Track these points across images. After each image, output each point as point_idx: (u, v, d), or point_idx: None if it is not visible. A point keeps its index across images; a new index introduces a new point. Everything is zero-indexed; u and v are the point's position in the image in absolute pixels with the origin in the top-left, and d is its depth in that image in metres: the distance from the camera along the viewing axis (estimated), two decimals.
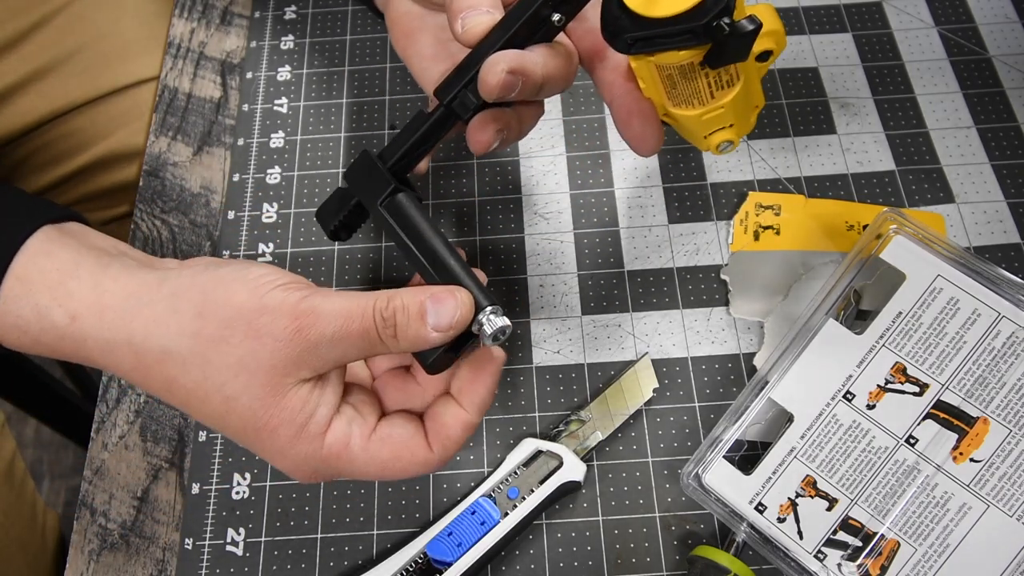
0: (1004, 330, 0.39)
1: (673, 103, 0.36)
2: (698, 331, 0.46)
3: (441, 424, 0.35)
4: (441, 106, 0.37)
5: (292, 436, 0.33)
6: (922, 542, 0.37)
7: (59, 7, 0.58)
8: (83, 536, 0.43)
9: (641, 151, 0.39)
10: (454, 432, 0.35)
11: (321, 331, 0.32)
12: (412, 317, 0.32)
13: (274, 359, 0.32)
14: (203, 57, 0.57)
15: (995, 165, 0.50)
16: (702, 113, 0.36)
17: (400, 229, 0.36)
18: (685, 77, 0.34)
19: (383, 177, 0.37)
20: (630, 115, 0.38)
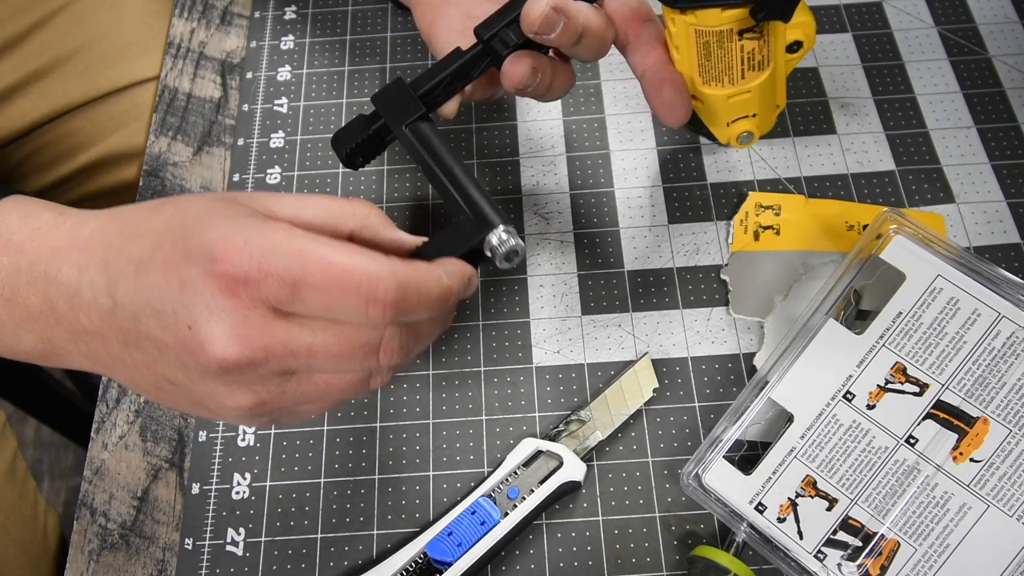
0: (1004, 330, 0.39)
1: (704, 79, 0.37)
2: (698, 331, 0.46)
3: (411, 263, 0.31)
4: (480, 43, 0.38)
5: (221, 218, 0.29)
6: (922, 542, 0.37)
7: (59, 7, 0.58)
8: (83, 536, 0.43)
9: (670, 119, 0.40)
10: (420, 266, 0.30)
11: None
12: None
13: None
14: (203, 57, 0.57)
15: (995, 165, 0.50)
16: (731, 94, 0.37)
17: (424, 151, 0.37)
18: (721, 46, 0.36)
19: (414, 102, 0.38)
20: (662, 82, 0.39)
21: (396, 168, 0.52)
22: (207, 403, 0.30)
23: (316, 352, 0.29)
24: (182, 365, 0.29)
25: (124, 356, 0.30)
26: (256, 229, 0.28)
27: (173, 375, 0.30)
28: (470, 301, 0.47)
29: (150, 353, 0.30)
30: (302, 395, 0.31)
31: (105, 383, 0.46)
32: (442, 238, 0.33)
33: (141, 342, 0.29)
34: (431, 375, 0.45)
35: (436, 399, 0.45)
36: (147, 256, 0.29)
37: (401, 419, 0.44)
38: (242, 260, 0.27)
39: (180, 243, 0.28)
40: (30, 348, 0.33)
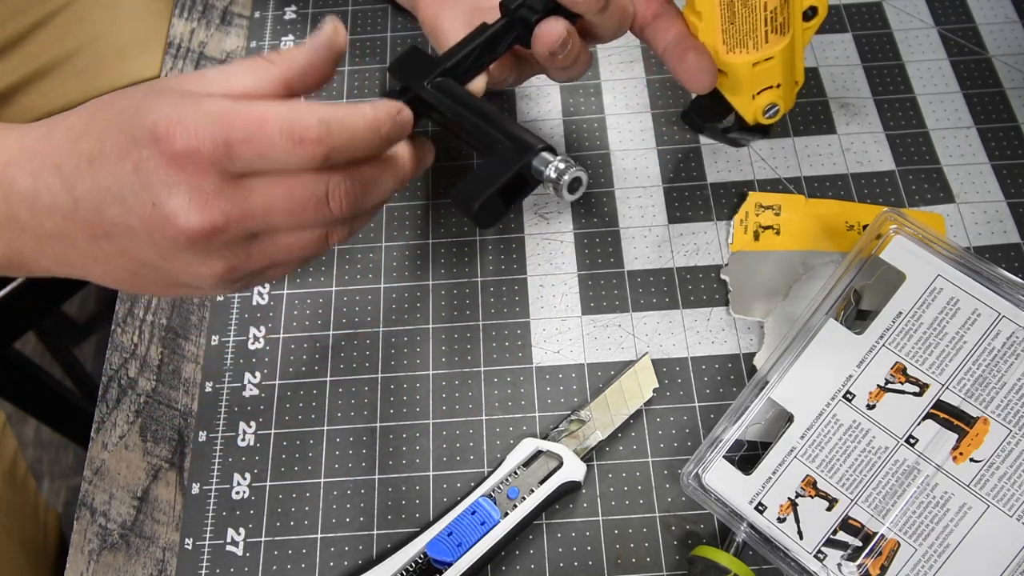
0: (1004, 330, 0.39)
1: (728, 47, 0.38)
2: (698, 331, 0.46)
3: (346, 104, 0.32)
4: (506, 15, 0.38)
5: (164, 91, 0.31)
6: (922, 542, 0.37)
7: (59, 7, 0.58)
8: (83, 536, 0.43)
9: (697, 84, 0.40)
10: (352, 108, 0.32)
11: None
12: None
13: None
14: (203, 57, 0.57)
15: (995, 165, 0.50)
16: (756, 60, 0.38)
17: (450, 100, 0.36)
18: (746, 4, 0.37)
19: (431, 63, 0.37)
20: (685, 51, 0.40)
21: None
22: (182, 277, 0.32)
23: (271, 209, 0.30)
24: (153, 243, 0.30)
25: (94, 251, 0.32)
26: (190, 104, 0.29)
27: (145, 256, 0.31)
28: (470, 300, 0.47)
29: (119, 240, 0.31)
30: (267, 257, 0.32)
31: (105, 383, 0.46)
32: (482, 169, 0.32)
33: (109, 231, 0.31)
34: (431, 375, 0.45)
35: (436, 399, 0.45)
36: (97, 149, 0.30)
37: (401, 419, 0.44)
38: (181, 134, 0.29)
39: (126, 130, 0.30)
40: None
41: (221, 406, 0.45)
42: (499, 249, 0.49)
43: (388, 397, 0.45)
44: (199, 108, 0.29)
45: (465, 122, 0.35)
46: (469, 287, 0.48)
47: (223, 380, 0.46)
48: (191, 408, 0.45)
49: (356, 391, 0.45)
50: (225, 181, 0.30)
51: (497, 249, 0.49)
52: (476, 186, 0.33)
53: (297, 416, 0.45)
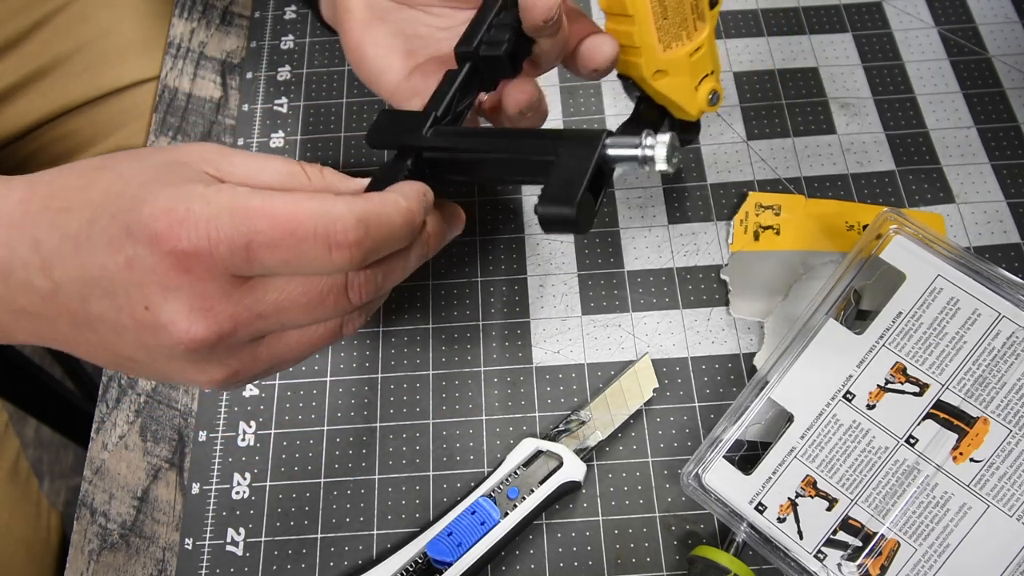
0: (1004, 330, 0.39)
1: (664, 44, 0.38)
2: (698, 331, 0.46)
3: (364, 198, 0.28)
4: (468, 59, 0.36)
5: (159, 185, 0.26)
6: (922, 542, 0.37)
7: (59, 7, 0.58)
8: (83, 536, 0.43)
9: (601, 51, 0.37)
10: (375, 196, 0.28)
11: None
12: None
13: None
14: (203, 57, 0.57)
15: (995, 165, 0.50)
16: (691, 50, 0.38)
17: (463, 138, 0.33)
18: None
19: (418, 118, 0.34)
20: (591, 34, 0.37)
21: None
22: (175, 378, 0.29)
23: (285, 308, 0.27)
24: (143, 346, 0.27)
25: (76, 336, 0.29)
26: (199, 196, 0.25)
27: (134, 355, 0.28)
28: (470, 300, 0.47)
29: (105, 335, 0.28)
30: (275, 357, 0.29)
31: (105, 383, 0.46)
32: (554, 182, 0.29)
33: (94, 323, 0.27)
34: (431, 375, 0.45)
35: (436, 399, 0.45)
36: (84, 232, 0.26)
37: (401, 419, 0.44)
38: (188, 233, 0.25)
39: (120, 217, 0.26)
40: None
41: (221, 405, 0.45)
42: (499, 249, 0.49)
43: (388, 397, 0.45)
44: (210, 201, 0.25)
45: (497, 152, 0.32)
46: (469, 287, 0.48)
47: None
48: (191, 408, 0.46)
49: (356, 391, 0.45)
50: (235, 284, 0.26)
51: (497, 249, 0.49)
52: (562, 192, 0.29)
53: (297, 416, 0.45)
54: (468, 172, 0.34)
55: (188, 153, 0.29)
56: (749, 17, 0.56)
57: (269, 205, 0.25)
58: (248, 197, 0.26)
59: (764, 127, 0.52)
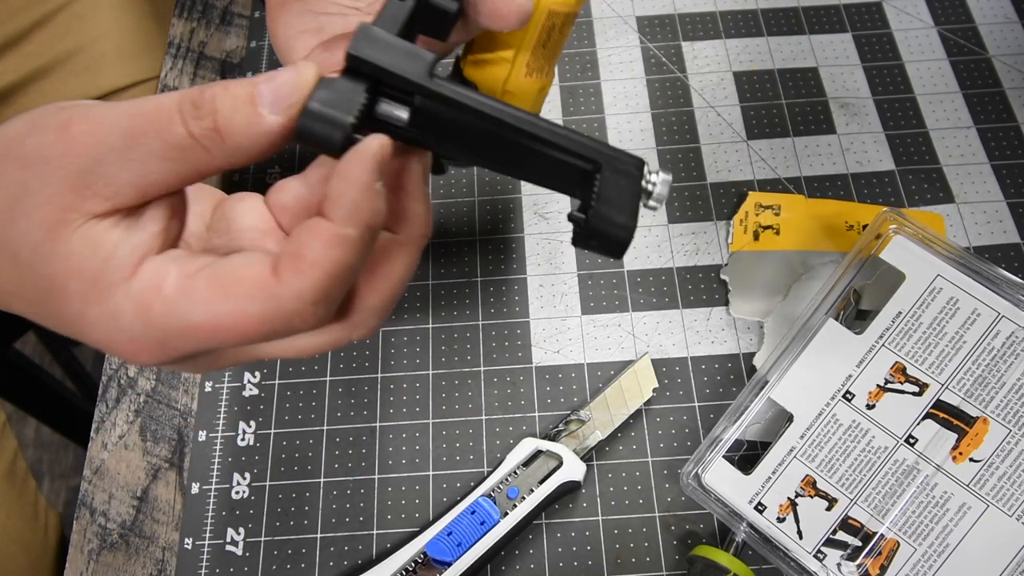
0: (1004, 330, 0.39)
1: (529, 69, 0.35)
2: (698, 331, 0.46)
3: (297, 242, 0.23)
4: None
5: (85, 292, 0.24)
6: (921, 542, 0.37)
7: (59, 7, 0.58)
8: (83, 536, 0.43)
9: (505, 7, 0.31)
10: (313, 247, 0.23)
11: (100, 138, 0.23)
12: (238, 99, 0.23)
13: (47, 190, 0.23)
14: (203, 57, 0.57)
15: (995, 165, 0.50)
16: (541, 87, 0.36)
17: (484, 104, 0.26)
18: (561, 31, 0.35)
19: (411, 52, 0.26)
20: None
21: None
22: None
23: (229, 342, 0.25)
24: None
25: None
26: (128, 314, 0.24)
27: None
28: (470, 300, 0.47)
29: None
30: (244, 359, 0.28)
31: (105, 383, 0.46)
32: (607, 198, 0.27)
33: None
34: (431, 374, 0.45)
35: (436, 399, 0.45)
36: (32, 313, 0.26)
37: (401, 419, 0.44)
38: (141, 358, 0.24)
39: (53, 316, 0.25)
40: None
41: (221, 405, 0.45)
42: (499, 249, 0.49)
43: (388, 397, 0.45)
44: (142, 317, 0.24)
45: (525, 135, 0.26)
46: (469, 287, 0.48)
47: (223, 379, 0.46)
48: (191, 407, 0.46)
49: (356, 391, 0.45)
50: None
51: (497, 249, 0.49)
52: (619, 211, 0.27)
53: (297, 416, 0.45)
54: (470, 146, 0.27)
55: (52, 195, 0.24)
56: (749, 17, 0.56)
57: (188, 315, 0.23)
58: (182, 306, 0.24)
59: (764, 127, 0.52)
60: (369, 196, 0.23)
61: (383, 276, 0.26)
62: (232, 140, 0.23)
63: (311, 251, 0.23)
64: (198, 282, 0.24)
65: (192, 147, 0.23)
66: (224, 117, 0.23)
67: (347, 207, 0.23)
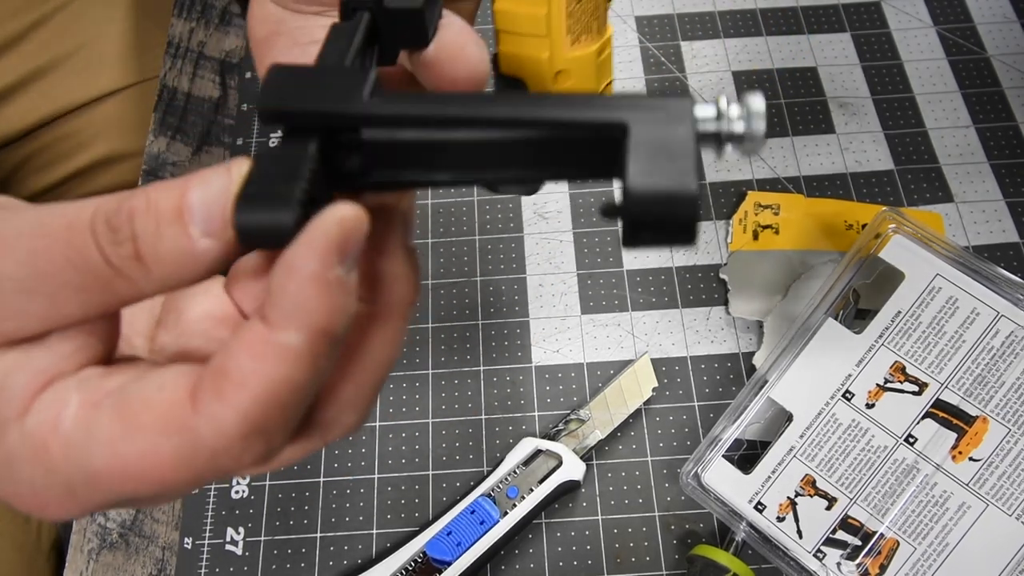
0: (1003, 329, 0.39)
1: (572, 36, 0.31)
2: (697, 330, 0.46)
3: (223, 353, 0.18)
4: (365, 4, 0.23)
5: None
6: (921, 541, 0.37)
7: (58, 6, 0.58)
8: (82, 535, 0.43)
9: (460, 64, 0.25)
10: (240, 361, 0.18)
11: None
12: (162, 218, 0.18)
13: None
14: (202, 57, 0.57)
15: (994, 164, 0.50)
16: (598, 49, 0.31)
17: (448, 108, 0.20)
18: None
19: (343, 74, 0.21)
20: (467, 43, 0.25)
21: None
22: None
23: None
24: None
25: None
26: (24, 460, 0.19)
27: None
28: (470, 300, 0.47)
29: None
30: None
31: None
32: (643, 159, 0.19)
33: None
34: (431, 375, 0.45)
35: (436, 399, 0.45)
36: None
37: (401, 419, 0.44)
38: (52, 512, 0.20)
39: None
40: None
41: None
42: (499, 249, 0.49)
43: (388, 397, 0.45)
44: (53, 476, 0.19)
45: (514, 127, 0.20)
46: (468, 286, 0.48)
47: None
48: None
49: None
50: None
51: (497, 249, 0.49)
52: (668, 167, 0.19)
53: None
54: (449, 162, 0.21)
55: None
56: (748, 17, 0.56)
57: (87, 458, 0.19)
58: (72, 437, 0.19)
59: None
60: (319, 290, 0.17)
61: (358, 361, 0.21)
62: (159, 270, 0.18)
63: (237, 366, 0.18)
64: (102, 414, 0.18)
65: (111, 277, 0.18)
66: (146, 242, 0.18)
67: (287, 306, 0.17)
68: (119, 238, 0.18)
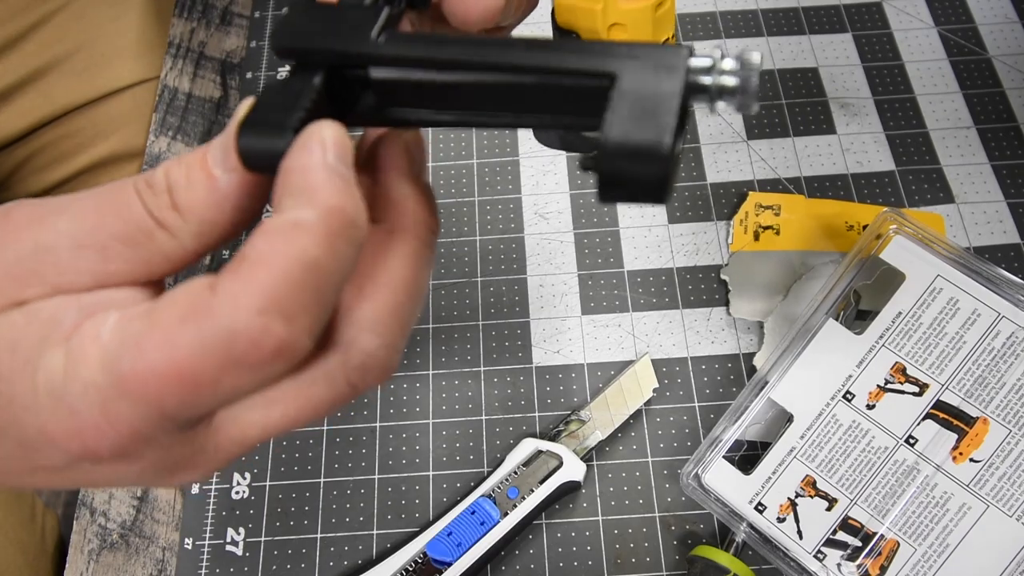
0: (1004, 330, 0.39)
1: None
2: (698, 331, 0.46)
3: (240, 249, 0.19)
4: None
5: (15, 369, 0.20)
6: (921, 542, 0.37)
7: (58, 6, 0.58)
8: (83, 536, 0.43)
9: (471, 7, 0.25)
10: (256, 243, 0.18)
11: (47, 221, 0.20)
12: (191, 167, 0.20)
13: None
14: (203, 57, 0.57)
15: (995, 165, 0.50)
16: (657, 2, 0.31)
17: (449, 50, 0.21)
18: None
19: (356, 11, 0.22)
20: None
21: None
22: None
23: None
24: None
25: None
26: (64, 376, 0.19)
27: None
28: (470, 300, 0.47)
29: None
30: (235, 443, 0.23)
31: None
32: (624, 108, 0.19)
33: None
34: (431, 375, 0.45)
35: (436, 399, 0.45)
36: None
37: (401, 419, 0.44)
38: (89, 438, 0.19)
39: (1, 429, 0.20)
40: None
41: None
42: (499, 249, 0.49)
43: (388, 397, 0.45)
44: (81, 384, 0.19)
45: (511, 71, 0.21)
46: (469, 287, 0.48)
47: None
48: None
49: None
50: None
51: (497, 249, 0.49)
52: (644, 120, 0.18)
53: None
54: (451, 103, 0.22)
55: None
56: (749, 17, 0.56)
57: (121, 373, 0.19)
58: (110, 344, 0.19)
59: (764, 127, 0.52)
60: (325, 173, 0.19)
61: (375, 278, 0.21)
62: (194, 216, 0.20)
63: (253, 249, 0.18)
64: (133, 320, 0.19)
65: (154, 230, 0.20)
66: (180, 190, 0.20)
67: (295, 189, 0.19)
68: (157, 191, 0.20)
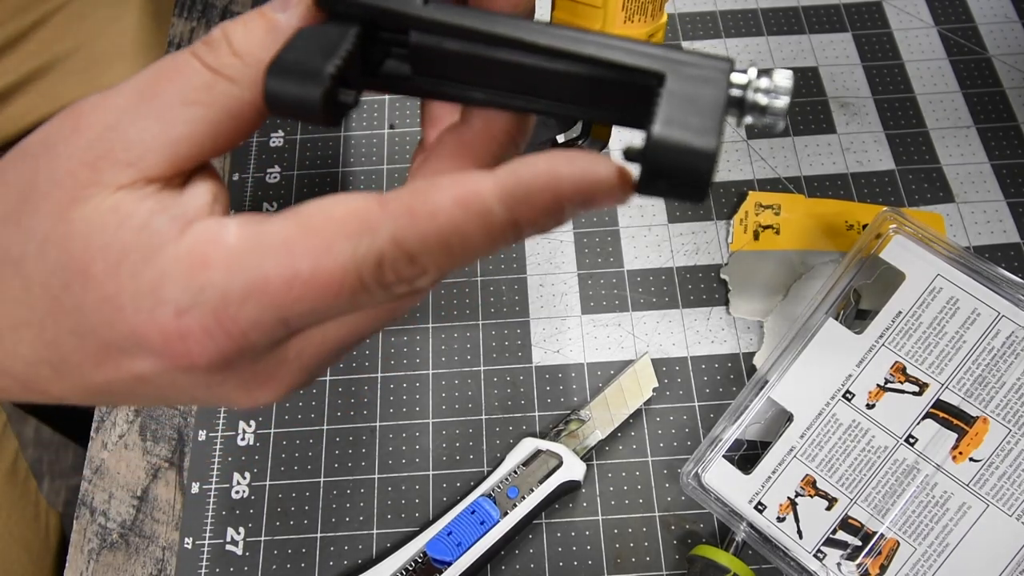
0: (1004, 329, 0.39)
1: (627, 13, 0.31)
2: (698, 331, 0.46)
3: (430, 185, 0.19)
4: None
5: (112, 269, 0.19)
6: (921, 541, 0.37)
7: (58, 6, 0.58)
8: (83, 535, 0.43)
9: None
10: (441, 199, 0.18)
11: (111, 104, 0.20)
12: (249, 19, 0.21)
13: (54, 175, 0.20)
14: None
15: (995, 165, 0.50)
16: (649, 32, 0.32)
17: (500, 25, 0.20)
18: None
19: None
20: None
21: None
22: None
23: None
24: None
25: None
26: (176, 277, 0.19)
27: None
28: (470, 300, 0.47)
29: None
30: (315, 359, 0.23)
31: None
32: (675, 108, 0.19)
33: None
34: (431, 374, 0.45)
35: (436, 398, 0.45)
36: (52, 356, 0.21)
37: (401, 418, 0.44)
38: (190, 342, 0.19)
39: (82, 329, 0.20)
40: None
41: None
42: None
43: (388, 397, 0.45)
44: (195, 279, 0.19)
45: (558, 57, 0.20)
46: (469, 287, 0.48)
47: None
48: (191, 407, 0.46)
49: (356, 391, 0.45)
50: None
51: None
52: (694, 120, 0.19)
53: (297, 415, 0.45)
54: (486, 81, 0.22)
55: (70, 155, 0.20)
56: (749, 16, 0.56)
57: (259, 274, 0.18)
58: (237, 255, 0.19)
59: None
60: (549, 203, 0.18)
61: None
62: (252, 57, 0.20)
63: (439, 199, 0.18)
64: (273, 224, 0.19)
65: (214, 81, 0.20)
66: (239, 38, 0.21)
67: (515, 187, 0.18)
68: (215, 45, 0.20)
